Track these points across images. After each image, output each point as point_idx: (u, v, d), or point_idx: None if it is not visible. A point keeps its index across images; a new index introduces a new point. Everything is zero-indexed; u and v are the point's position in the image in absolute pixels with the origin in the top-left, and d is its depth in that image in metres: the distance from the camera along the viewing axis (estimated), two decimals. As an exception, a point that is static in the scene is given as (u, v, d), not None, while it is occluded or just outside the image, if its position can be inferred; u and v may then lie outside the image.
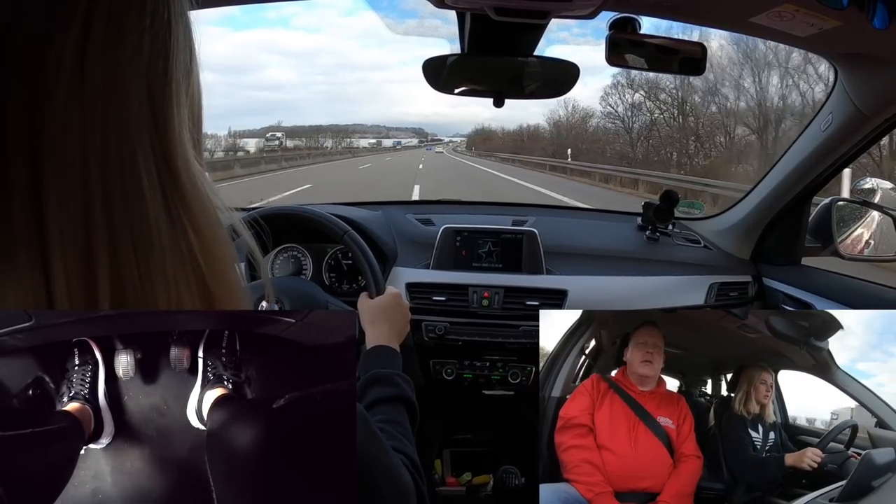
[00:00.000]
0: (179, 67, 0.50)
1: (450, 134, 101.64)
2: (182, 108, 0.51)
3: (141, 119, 0.47)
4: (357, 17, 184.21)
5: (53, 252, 0.43)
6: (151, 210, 0.47)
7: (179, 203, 0.49)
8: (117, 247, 0.45)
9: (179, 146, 0.50)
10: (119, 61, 0.46)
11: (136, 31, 0.47)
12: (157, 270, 0.47)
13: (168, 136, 0.49)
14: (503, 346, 2.07)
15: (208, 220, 0.51)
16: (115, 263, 0.45)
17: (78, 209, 0.44)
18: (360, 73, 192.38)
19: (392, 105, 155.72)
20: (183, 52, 0.51)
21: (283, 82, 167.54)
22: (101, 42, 0.45)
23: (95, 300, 0.45)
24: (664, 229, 2.34)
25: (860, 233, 2.03)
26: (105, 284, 0.45)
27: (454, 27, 1.61)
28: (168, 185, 0.48)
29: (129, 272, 0.46)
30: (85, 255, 0.44)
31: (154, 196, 0.47)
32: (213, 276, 0.51)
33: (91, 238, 0.44)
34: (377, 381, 1.12)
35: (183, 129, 0.51)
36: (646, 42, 1.49)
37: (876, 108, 1.62)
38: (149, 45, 0.47)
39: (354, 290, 2.11)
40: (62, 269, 0.43)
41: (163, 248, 0.47)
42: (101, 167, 0.44)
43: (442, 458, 2.37)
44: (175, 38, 0.50)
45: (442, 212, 2.47)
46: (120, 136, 0.45)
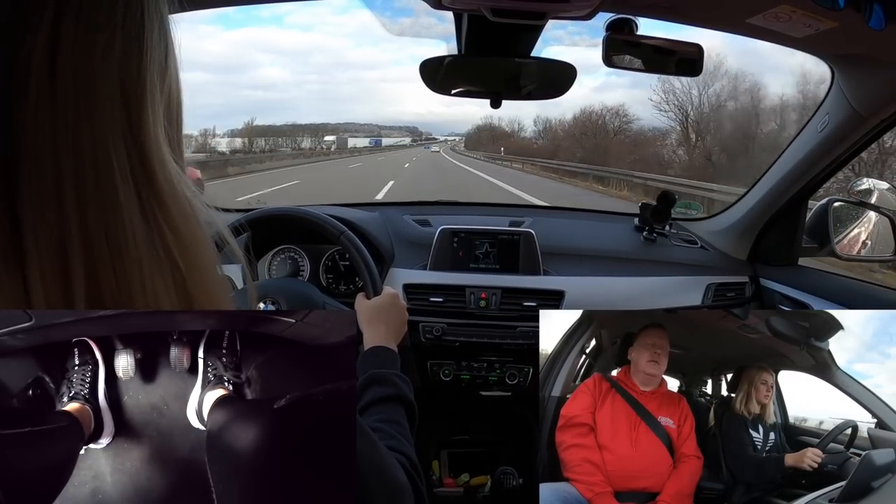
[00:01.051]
0: (154, 66, 0.50)
1: (445, 133, 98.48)
2: (157, 108, 0.50)
3: (114, 119, 0.46)
4: (350, 15, 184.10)
5: (29, 256, 0.43)
6: (126, 212, 0.46)
7: (156, 204, 0.48)
8: (92, 250, 0.45)
9: (155, 146, 0.49)
10: (90, 60, 0.45)
11: (107, 30, 0.46)
12: (134, 273, 0.46)
13: (143, 136, 0.48)
14: (500, 347, 2.07)
15: (186, 221, 0.51)
16: (91, 266, 0.45)
17: (52, 213, 0.43)
18: (354, 71, 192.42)
19: (386, 104, 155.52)
20: (157, 51, 0.50)
21: (276, 81, 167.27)
22: (72, 41, 0.44)
23: (72, 304, 0.44)
24: (661, 230, 2.35)
25: (857, 233, 2.03)
26: (80, 288, 0.44)
27: (449, 26, 1.61)
28: (144, 187, 0.48)
29: (105, 275, 0.45)
30: (60, 258, 0.44)
31: (129, 198, 0.46)
32: (192, 278, 0.50)
33: (65, 241, 0.44)
34: (375, 382, 1.11)
35: (158, 128, 0.50)
36: (642, 43, 1.49)
37: (872, 109, 1.63)
38: (121, 44, 0.47)
39: (352, 290, 2.10)
40: (38, 273, 0.43)
41: (139, 250, 0.47)
42: (75, 169, 0.44)
43: (440, 459, 2.37)
44: (149, 36, 0.49)
45: (439, 213, 2.46)
46: (93, 137, 0.45)
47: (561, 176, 25.54)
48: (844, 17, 1.22)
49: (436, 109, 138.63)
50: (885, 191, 1.94)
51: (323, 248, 2.14)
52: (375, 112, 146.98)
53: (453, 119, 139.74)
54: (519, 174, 28.30)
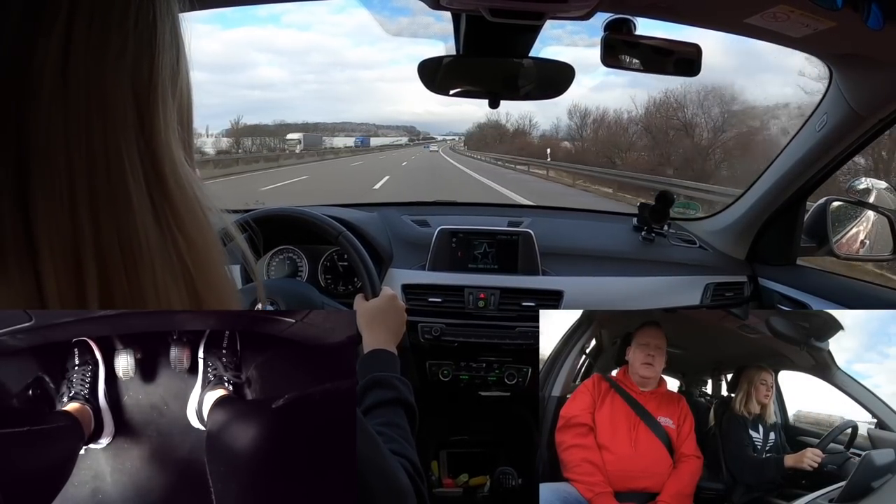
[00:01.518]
0: (165, 69, 0.50)
1: (443, 132, 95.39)
2: (169, 111, 0.50)
3: (126, 123, 0.47)
4: (348, 14, 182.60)
5: (43, 258, 0.43)
6: (139, 215, 0.46)
7: (168, 207, 0.49)
8: (105, 253, 0.45)
9: (167, 149, 0.49)
10: (102, 65, 0.45)
11: (119, 34, 0.46)
12: (147, 276, 0.47)
13: (155, 139, 0.48)
14: (499, 348, 2.07)
15: (197, 223, 0.51)
16: (103, 268, 0.45)
17: (65, 216, 0.44)
18: (352, 71, 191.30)
19: (384, 104, 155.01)
20: (169, 53, 0.51)
21: (274, 81, 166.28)
22: (84, 45, 0.45)
23: (85, 305, 0.44)
24: (660, 230, 2.35)
25: (855, 232, 2.03)
26: (94, 290, 0.44)
27: (446, 25, 1.61)
28: (156, 190, 0.48)
29: (118, 278, 0.45)
30: (74, 260, 0.44)
31: (142, 201, 0.47)
32: (202, 280, 0.51)
33: (79, 244, 0.44)
34: (376, 385, 1.11)
35: (170, 132, 0.50)
36: (641, 43, 1.49)
37: (870, 109, 1.63)
38: (133, 48, 0.47)
39: (350, 291, 2.10)
40: (53, 275, 0.43)
41: (151, 253, 0.47)
42: (88, 173, 0.44)
43: (439, 459, 2.37)
44: (160, 39, 0.50)
45: (437, 213, 2.46)
46: (105, 141, 0.45)
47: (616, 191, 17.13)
48: (842, 17, 1.22)
49: (434, 109, 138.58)
50: (883, 190, 1.95)
51: (321, 248, 2.14)
52: (374, 112, 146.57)
53: (452, 119, 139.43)
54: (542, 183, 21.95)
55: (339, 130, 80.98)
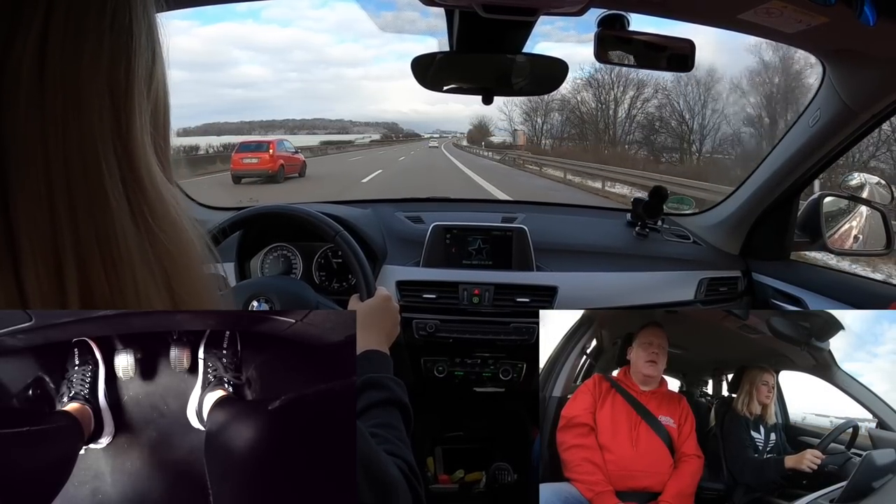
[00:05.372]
0: (141, 71, 0.50)
1: (429, 131, 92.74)
2: (144, 114, 0.51)
3: (103, 125, 0.47)
4: (330, 9, 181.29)
5: (24, 260, 0.43)
6: (117, 216, 0.47)
7: (146, 208, 0.49)
8: (84, 253, 0.45)
9: (142, 152, 0.50)
10: (78, 66, 0.46)
11: (95, 35, 0.47)
12: (126, 275, 0.47)
13: (131, 142, 0.49)
14: (494, 343, 2.07)
15: (174, 225, 0.52)
16: (83, 269, 0.45)
17: (45, 217, 0.44)
18: (335, 69, 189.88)
19: (368, 102, 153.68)
20: (145, 56, 0.51)
21: (256, 79, 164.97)
22: (60, 47, 0.45)
23: (66, 305, 0.45)
24: (653, 225, 2.35)
25: (849, 227, 2.04)
26: (74, 290, 0.45)
27: (433, 20, 1.61)
28: (133, 191, 0.48)
29: (98, 280, 0.46)
30: (54, 261, 0.44)
31: (119, 202, 0.47)
32: (180, 279, 0.51)
33: (58, 245, 0.44)
34: (370, 386, 1.11)
35: (145, 134, 0.51)
36: (634, 39, 1.49)
37: (864, 104, 1.64)
38: (109, 50, 0.47)
39: (345, 288, 2.11)
40: (34, 276, 0.44)
41: (130, 253, 0.47)
42: (66, 174, 0.45)
43: (434, 455, 2.37)
44: (136, 42, 0.50)
45: (431, 209, 2.46)
46: (82, 144, 0.45)
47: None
48: (835, 13, 1.23)
49: (419, 108, 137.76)
50: (875, 185, 1.96)
51: (315, 245, 2.13)
52: (356, 111, 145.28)
53: (437, 118, 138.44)
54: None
55: (310, 128, 77.81)
